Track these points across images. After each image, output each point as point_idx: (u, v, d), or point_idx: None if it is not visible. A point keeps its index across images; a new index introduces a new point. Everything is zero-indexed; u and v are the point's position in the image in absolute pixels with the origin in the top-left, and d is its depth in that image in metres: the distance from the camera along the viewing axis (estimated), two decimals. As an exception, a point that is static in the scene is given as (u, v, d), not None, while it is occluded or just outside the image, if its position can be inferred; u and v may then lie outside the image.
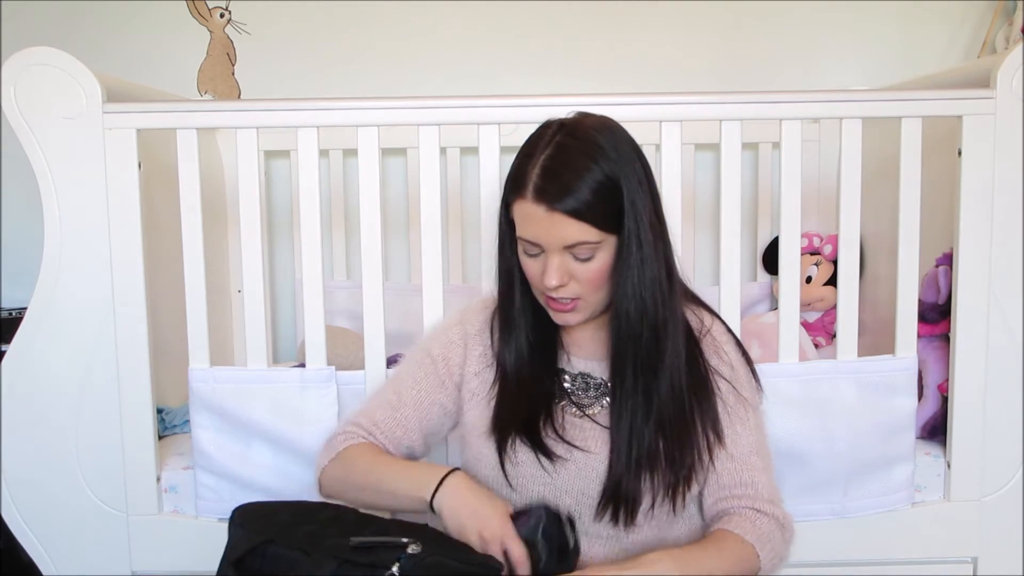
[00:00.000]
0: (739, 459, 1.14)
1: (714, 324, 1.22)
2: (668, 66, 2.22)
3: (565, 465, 1.13)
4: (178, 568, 1.50)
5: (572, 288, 1.10)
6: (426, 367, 1.24)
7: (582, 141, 1.08)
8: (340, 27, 2.21)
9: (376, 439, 1.22)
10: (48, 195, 1.41)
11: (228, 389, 1.45)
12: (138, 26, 2.19)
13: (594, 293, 1.11)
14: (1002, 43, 2.10)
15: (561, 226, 1.06)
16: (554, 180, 1.06)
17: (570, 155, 1.07)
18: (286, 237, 2.21)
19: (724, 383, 1.17)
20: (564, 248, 1.07)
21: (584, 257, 1.08)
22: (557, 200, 1.05)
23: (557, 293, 1.11)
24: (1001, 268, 1.45)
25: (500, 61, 2.22)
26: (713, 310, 1.25)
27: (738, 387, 1.17)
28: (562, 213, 1.05)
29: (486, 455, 1.17)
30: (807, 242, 2.08)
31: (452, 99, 1.45)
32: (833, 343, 1.71)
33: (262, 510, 1.12)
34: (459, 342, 1.25)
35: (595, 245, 1.07)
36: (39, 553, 1.50)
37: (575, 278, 1.09)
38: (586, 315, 1.14)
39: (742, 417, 1.16)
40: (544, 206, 1.06)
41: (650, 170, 1.12)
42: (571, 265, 1.09)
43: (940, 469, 1.52)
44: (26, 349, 1.44)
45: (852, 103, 1.43)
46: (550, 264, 1.08)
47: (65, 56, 1.39)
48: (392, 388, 1.26)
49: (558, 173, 1.06)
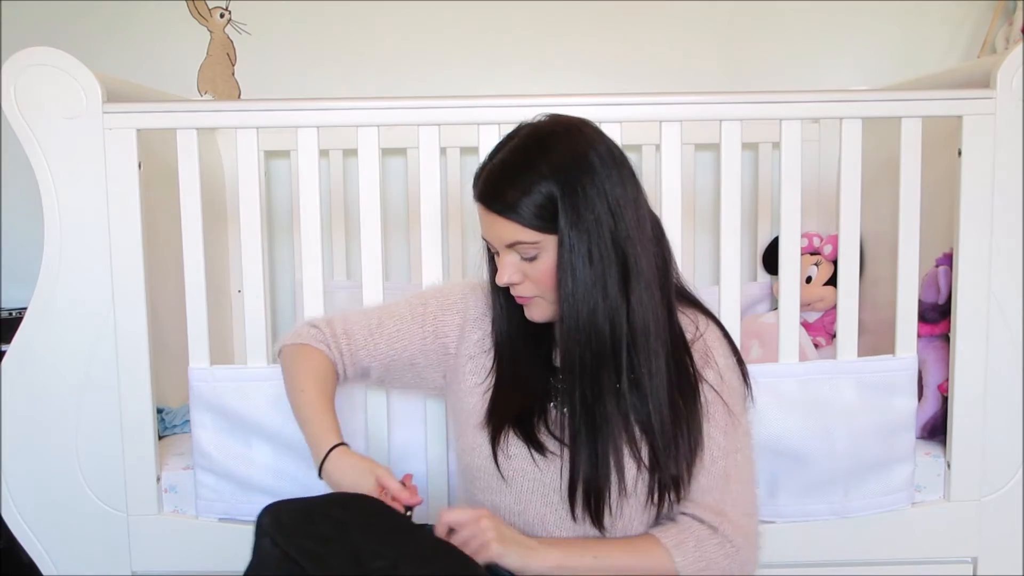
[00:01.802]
0: (703, 467, 1.15)
1: (708, 329, 1.21)
2: (668, 66, 2.22)
3: (555, 461, 1.14)
4: (178, 568, 1.50)
5: (527, 287, 1.14)
6: (416, 313, 1.29)
7: (529, 144, 1.11)
8: (340, 27, 2.21)
9: (339, 349, 1.28)
10: (48, 195, 1.41)
11: (228, 388, 1.45)
12: (138, 26, 2.19)
13: (550, 291, 1.13)
14: (1002, 43, 2.10)
15: (499, 226, 1.11)
16: (493, 182, 1.11)
17: (514, 158, 1.11)
18: (286, 237, 2.21)
19: (709, 390, 1.16)
20: (507, 247, 1.12)
21: (528, 256, 1.11)
22: (491, 200, 1.11)
23: (513, 291, 1.15)
24: (1001, 268, 1.45)
25: (500, 61, 2.22)
26: (710, 312, 1.25)
27: (725, 397, 1.17)
28: (495, 213, 1.10)
29: (479, 445, 1.19)
30: (807, 242, 2.08)
31: (452, 99, 1.45)
32: (833, 343, 1.71)
33: (296, 518, 1.05)
34: (457, 315, 1.27)
35: (534, 245, 1.10)
36: (39, 553, 1.50)
37: (528, 277, 1.13)
38: (550, 312, 1.16)
39: (722, 427, 1.16)
40: (483, 206, 1.12)
41: (619, 176, 1.10)
42: (523, 264, 1.12)
43: (940, 469, 1.52)
44: (26, 349, 1.44)
45: (852, 103, 1.43)
46: (501, 262, 1.14)
47: (65, 56, 1.39)
48: (377, 314, 1.30)
49: (498, 176, 1.11)
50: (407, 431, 1.49)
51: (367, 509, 1.09)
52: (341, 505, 1.08)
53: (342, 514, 1.05)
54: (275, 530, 1.01)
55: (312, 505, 1.07)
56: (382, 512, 1.09)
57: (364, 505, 1.09)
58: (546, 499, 1.15)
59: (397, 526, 1.07)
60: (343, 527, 1.03)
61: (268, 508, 1.04)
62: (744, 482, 1.17)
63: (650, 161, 2.10)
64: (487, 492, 1.19)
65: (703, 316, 1.23)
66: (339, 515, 1.05)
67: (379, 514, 1.08)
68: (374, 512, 1.08)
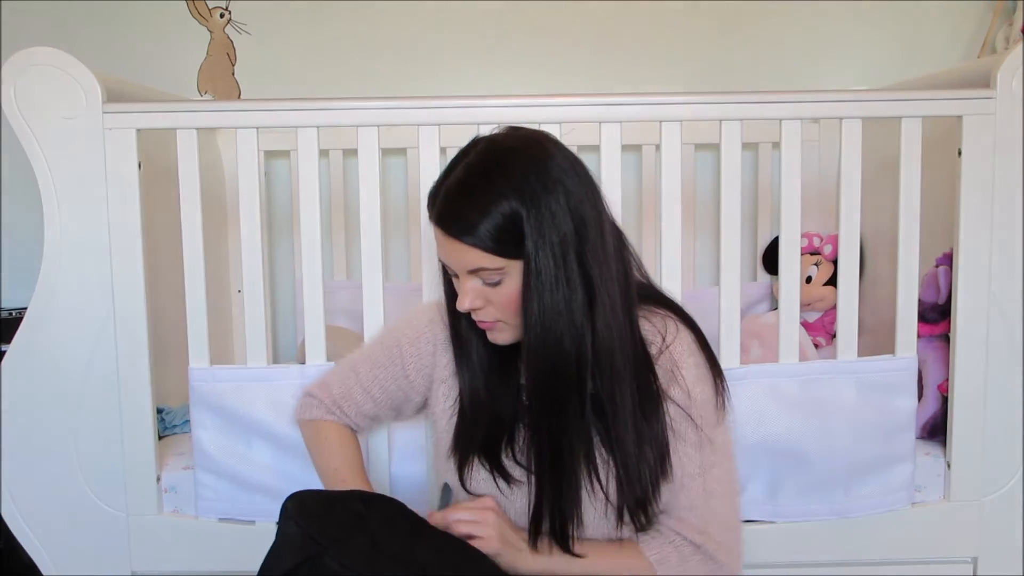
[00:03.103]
0: (678, 483, 1.12)
1: (677, 338, 1.14)
2: (668, 66, 2.22)
3: (521, 487, 1.14)
4: (178, 568, 1.50)
5: (489, 311, 1.09)
6: (392, 356, 1.27)
7: (487, 165, 1.04)
8: (340, 27, 2.21)
9: (345, 412, 1.30)
10: (48, 195, 1.41)
11: (228, 388, 1.45)
12: (138, 26, 2.19)
13: (514, 316, 1.08)
14: (1002, 43, 2.10)
15: (461, 252, 1.05)
16: (452, 206, 1.04)
17: (471, 180, 1.04)
18: (286, 237, 2.21)
19: (674, 408, 1.12)
20: (469, 272, 1.06)
21: (492, 282, 1.06)
22: (452, 227, 1.04)
23: (475, 316, 1.10)
24: (1001, 268, 1.45)
25: (500, 61, 2.22)
26: (680, 311, 1.20)
27: (691, 412, 1.12)
28: (454, 237, 1.04)
29: (450, 470, 1.19)
30: (807, 242, 2.08)
31: (452, 99, 1.45)
32: (833, 343, 1.71)
33: (320, 505, 1.07)
34: (427, 344, 1.25)
35: (498, 271, 1.05)
36: (39, 553, 1.50)
37: (491, 302, 1.08)
38: (513, 335, 1.12)
39: (694, 443, 1.12)
40: (442, 231, 1.06)
41: (585, 192, 1.06)
42: (485, 289, 1.07)
43: (940, 469, 1.52)
44: (26, 349, 1.44)
45: (852, 103, 1.43)
46: (462, 287, 1.08)
47: (65, 56, 1.39)
48: (363, 366, 1.30)
49: (457, 199, 1.04)
50: (407, 431, 1.49)
51: (389, 507, 1.11)
52: (364, 501, 1.10)
53: (363, 509, 1.07)
54: (298, 513, 1.03)
55: (336, 497, 1.11)
56: (403, 512, 1.11)
57: (386, 504, 1.11)
58: (520, 521, 1.15)
59: (416, 525, 1.09)
60: (363, 519, 1.05)
61: (293, 495, 1.07)
62: (725, 496, 1.14)
63: (650, 161, 2.10)
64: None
65: (672, 320, 1.17)
66: (360, 509, 1.07)
67: (400, 514, 1.10)
68: (396, 512, 1.10)
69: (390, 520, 1.08)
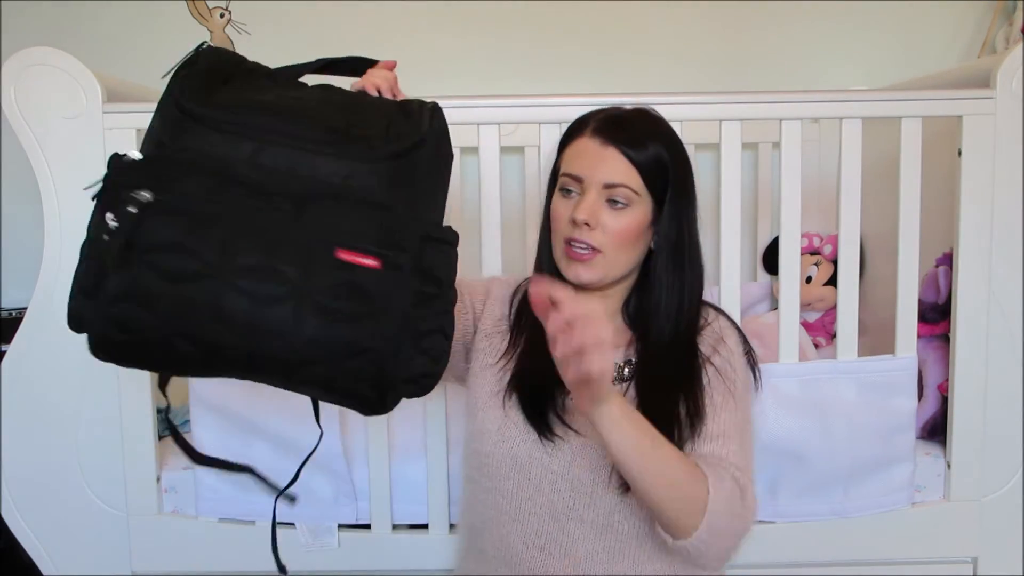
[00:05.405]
0: (714, 438, 1.10)
1: (720, 318, 1.22)
2: (668, 66, 2.22)
3: (561, 448, 1.12)
4: (178, 568, 1.51)
5: (597, 236, 1.11)
6: (460, 289, 1.23)
7: (656, 115, 1.17)
8: (340, 27, 2.20)
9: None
10: (48, 195, 1.41)
11: (228, 388, 1.45)
12: (138, 26, 2.19)
13: (615, 250, 1.11)
14: (1002, 43, 2.10)
15: (612, 161, 1.10)
16: (623, 122, 1.13)
17: (644, 114, 1.16)
18: (286, 237, 2.21)
19: (714, 372, 1.14)
20: (604, 187, 1.10)
21: (620, 204, 1.10)
22: (615, 135, 1.11)
23: (580, 234, 1.11)
24: (1001, 268, 1.45)
25: (500, 61, 2.22)
26: (720, 309, 1.25)
27: (725, 377, 1.14)
28: (616, 148, 1.10)
29: (488, 425, 1.15)
30: (807, 242, 2.08)
31: (452, 99, 1.45)
32: (833, 343, 1.71)
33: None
34: (481, 293, 1.27)
35: (634, 195, 1.10)
36: (39, 553, 1.50)
37: (603, 228, 1.11)
38: (600, 274, 1.13)
39: (725, 405, 1.13)
40: (600, 139, 1.11)
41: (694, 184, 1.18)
42: (604, 213, 1.11)
43: (940, 469, 1.52)
44: (26, 349, 1.44)
45: (852, 103, 1.43)
46: (584, 199, 1.11)
47: (65, 56, 1.39)
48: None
49: (628, 117, 1.14)
50: (407, 431, 1.49)
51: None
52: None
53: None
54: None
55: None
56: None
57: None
58: (554, 486, 1.11)
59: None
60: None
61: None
62: (752, 460, 1.15)
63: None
64: (495, 479, 1.15)
65: (712, 310, 1.24)
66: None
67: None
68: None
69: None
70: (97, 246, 0.91)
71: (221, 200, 0.90)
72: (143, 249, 0.88)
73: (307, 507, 1.46)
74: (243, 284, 0.87)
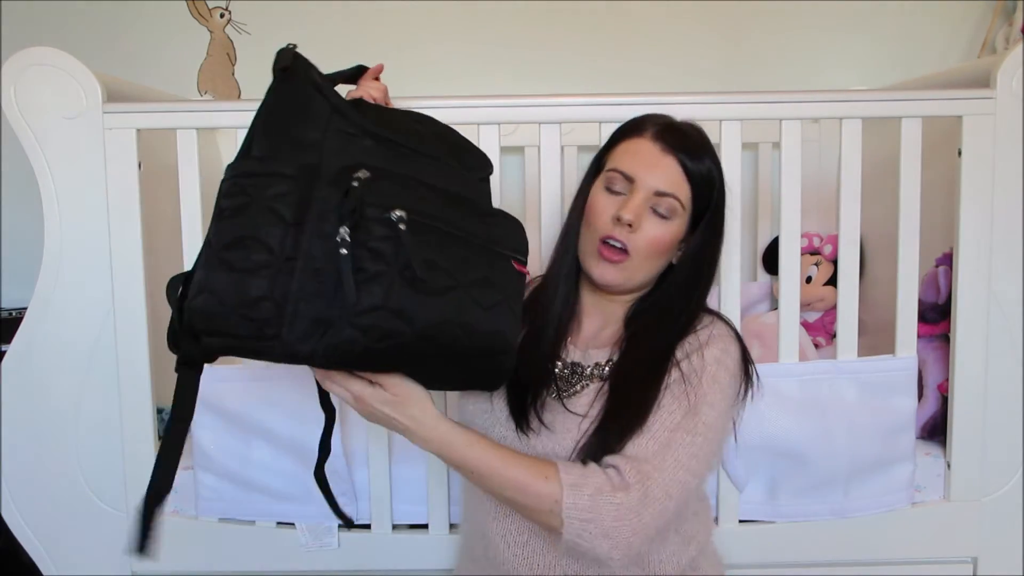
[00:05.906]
0: (645, 435, 1.06)
1: (714, 325, 1.17)
2: (668, 66, 2.22)
3: (533, 441, 1.11)
4: (178, 568, 1.50)
5: (634, 240, 1.12)
6: None
7: (702, 129, 1.18)
8: (340, 28, 2.21)
9: None
10: (48, 195, 1.41)
11: (228, 388, 1.45)
12: (138, 26, 2.19)
13: (644, 258, 1.13)
14: (1002, 43, 2.10)
15: (668, 169, 1.12)
16: (679, 131, 1.15)
17: (693, 128, 1.17)
18: (286, 237, 2.21)
19: (678, 374, 1.10)
20: (655, 194, 1.12)
21: (663, 214, 1.12)
22: (676, 143, 1.13)
23: (620, 232, 1.12)
24: (1001, 268, 1.45)
25: (500, 62, 2.22)
26: (721, 316, 1.22)
27: (687, 383, 1.09)
28: (675, 157, 1.12)
29: (476, 419, 1.17)
30: (807, 242, 2.08)
31: (453, 99, 1.45)
32: (833, 343, 1.71)
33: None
34: None
35: (679, 208, 1.12)
36: (39, 553, 1.50)
37: (641, 233, 1.12)
38: (624, 277, 1.14)
39: (670, 407, 1.08)
40: (660, 145, 1.13)
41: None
42: (645, 219, 1.12)
43: (940, 469, 1.52)
44: (26, 349, 1.44)
45: (852, 103, 1.43)
46: (632, 199, 1.11)
47: (65, 56, 1.39)
48: None
49: (683, 130, 1.16)
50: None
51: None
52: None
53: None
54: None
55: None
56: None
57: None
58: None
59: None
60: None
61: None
62: (682, 465, 1.05)
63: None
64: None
65: (708, 315, 1.19)
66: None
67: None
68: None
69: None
70: (333, 257, 0.90)
71: (447, 217, 0.99)
72: (403, 265, 0.91)
73: (307, 507, 1.46)
74: (475, 294, 0.97)
